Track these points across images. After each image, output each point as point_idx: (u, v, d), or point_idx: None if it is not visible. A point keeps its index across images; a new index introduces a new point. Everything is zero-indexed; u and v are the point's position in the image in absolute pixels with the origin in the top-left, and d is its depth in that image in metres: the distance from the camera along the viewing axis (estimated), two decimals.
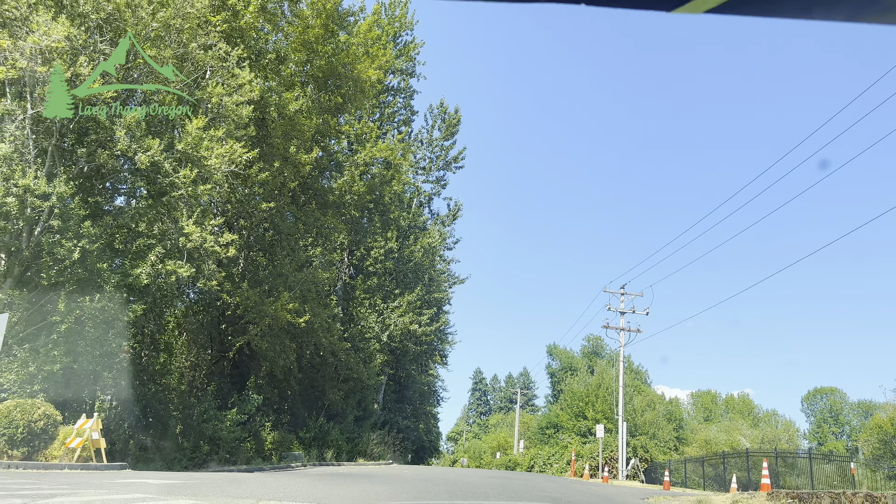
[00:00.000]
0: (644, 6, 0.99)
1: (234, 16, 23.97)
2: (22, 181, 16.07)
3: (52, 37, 15.80)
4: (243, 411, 25.07)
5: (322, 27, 29.36)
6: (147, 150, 17.34)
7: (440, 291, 42.54)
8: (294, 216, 30.65)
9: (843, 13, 0.96)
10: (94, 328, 18.16)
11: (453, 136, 44.61)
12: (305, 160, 25.01)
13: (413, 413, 51.76)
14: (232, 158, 19.03)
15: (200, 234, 18.21)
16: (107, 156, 17.43)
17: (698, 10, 0.98)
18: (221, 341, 27.70)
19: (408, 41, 50.55)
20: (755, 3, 0.98)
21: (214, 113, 19.64)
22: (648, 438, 37.32)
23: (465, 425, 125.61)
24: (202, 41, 19.55)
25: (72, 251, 16.75)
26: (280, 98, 23.81)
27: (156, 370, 24.24)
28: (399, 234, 40.07)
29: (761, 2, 0.97)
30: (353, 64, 32.28)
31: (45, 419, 13.40)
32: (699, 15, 0.99)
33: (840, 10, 0.96)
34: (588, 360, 68.81)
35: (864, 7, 0.95)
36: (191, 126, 18.49)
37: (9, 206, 16.07)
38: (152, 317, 22.00)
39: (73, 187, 17.28)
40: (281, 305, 24.55)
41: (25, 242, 17.53)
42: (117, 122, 17.39)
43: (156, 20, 18.21)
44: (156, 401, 23.38)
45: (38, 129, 17.36)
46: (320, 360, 30.31)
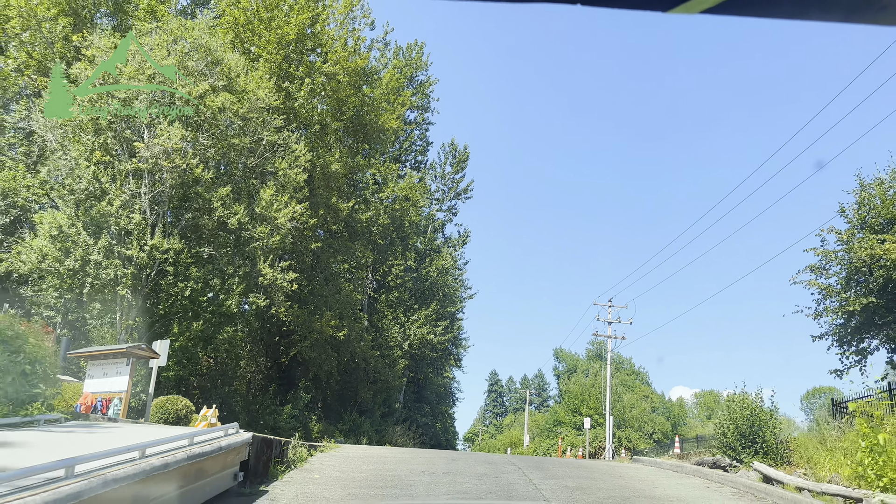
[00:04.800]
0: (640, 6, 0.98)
1: (288, 96, 30.62)
2: (151, 241, 22.67)
3: (172, 140, 22.39)
4: (296, 406, 31.54)
5: (350, 85, 35.70)
6: (235, 214, 23.90)
7: (453, 305, 48.89)
8: (330, 246, 37.18)
9: (838, 14, 0.95)
10: (194, 345, 24.75)
11: (462, 170, 51.11)
12: (344, 207, 31.50)
13: (431, 412, 58.04)
14: (294, 216, 25.56)
15: (272, 273, 24.76)
16: (206, 220, 24.02)
17: (694, 10, 0.97)
18: (276, 351, 34.26)
19: (423, 80, 57.18)
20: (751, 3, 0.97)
21: (280, 181, 26.18)
22: (634, 431, 43.32)
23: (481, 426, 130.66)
24: (270, 128, 26.07)
25: (183, 290, 23.32)
26: (324, 160, 30.34)
27: (228, 375, 30.81)
28: (416, 256, 46.52)
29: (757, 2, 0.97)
30: (377, 115, 38.80)
31: (185, 408, 19.81)
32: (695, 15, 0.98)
33: (836, 11, 0.95)
34: (592, 361, 74.73)
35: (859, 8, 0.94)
36: (265, 193, 25.05)
37: (142, 260, 22.68)
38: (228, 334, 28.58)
39: (182, 242, 23.86)
40: (325, 322, 31.08)
41: (146, 283, 24.14)
42: (214, 194, 23.96)
43: (238, 117, 24.78)
44: (229, 397, 29.94)
45: (155, 201, 23.97)
46: (354, 365, 36.78)
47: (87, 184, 22.74)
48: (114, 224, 22.68)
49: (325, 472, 11.23)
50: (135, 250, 22.63)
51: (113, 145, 23.76)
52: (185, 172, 22.81)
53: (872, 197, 16.28)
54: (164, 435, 9.14)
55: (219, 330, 24.60)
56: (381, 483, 10.50)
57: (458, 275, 51.93)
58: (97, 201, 22.84)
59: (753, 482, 11.53)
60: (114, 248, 22.53)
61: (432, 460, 14.77)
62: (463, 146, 51.63)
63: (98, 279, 22.39)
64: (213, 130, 23.82)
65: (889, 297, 15.49)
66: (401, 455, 17.36)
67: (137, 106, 23.19)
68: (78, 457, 6.21)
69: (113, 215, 22.52)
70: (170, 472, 7.25)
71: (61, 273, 22.52)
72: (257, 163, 25.86)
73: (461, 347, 57.70)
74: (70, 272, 22.55)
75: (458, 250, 51.36)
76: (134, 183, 23.34)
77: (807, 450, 11.18)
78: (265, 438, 10.19)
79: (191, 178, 23.60)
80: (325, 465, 12.06)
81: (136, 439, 7.77)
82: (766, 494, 10.56)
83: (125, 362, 16.95)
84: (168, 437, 8.55)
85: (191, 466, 7.73)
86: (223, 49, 24.91)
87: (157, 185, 23.47)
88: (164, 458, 7.36)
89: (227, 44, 25.80)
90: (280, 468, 10.92)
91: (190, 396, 25.33)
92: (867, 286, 15.80)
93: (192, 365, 26.35)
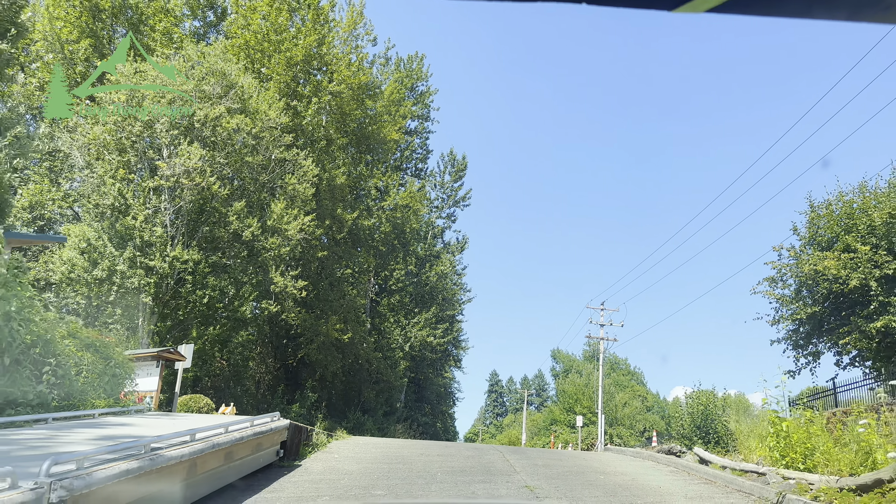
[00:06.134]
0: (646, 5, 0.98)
1: (296, 114, 32.62)
2: (172, 253, 24.67)
3: (193, 160, 24.39)
4: (303, 406, 33.52)
5: (353, 99, 37.64)
6: (249, 227, 25.90)
7: (452, 308, 50.93)
8: (335, 253, 39.17)
9: (843, 13, 0.95)
10: (210, 348, 26.75)
11: (461, 178, 53.22)
12: (348, 218, 33.50)
13: (431, 411, 59.99)
14: (303, 228, 27.55)
15: (284, 281, 26.75)
16: (222, 232, 26.03)
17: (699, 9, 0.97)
18: (284, 353, 36.26)
19: (423, 91, 59.21)
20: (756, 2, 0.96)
21: (289, 195, 28.17)
22: (626, 428, 45.30)
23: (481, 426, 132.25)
24: (280, 146, 28.07)
25: (201, 297, 25.31)
26: (329, 174, 32.33)
27: (240, 375, 32.80)
28: (417, 261, 48.54)
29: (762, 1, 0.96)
30: (379, 127, 40.78)
31: (206, 406, 21.79)
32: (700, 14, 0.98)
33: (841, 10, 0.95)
34: (588, 362, 76.72)
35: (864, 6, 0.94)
36: (276, 207, 27.05)
37: (164, 269, 24.67)
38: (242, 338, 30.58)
39: (200, 253, 25.84)
40: (330, 326, 33.07)
41: (166, 291, 26.12)
42: (229, 208, 25.96)
43: (251, 137, 26.78)
44: (240, 397, 31.92)
45: (175, 215, 25.96)
46: (358, 366, 38.76)
47: (113, 200, 24.72)
48: (137, 236, 24.67)
49: (342, 454, 13.53)
50: (157, 261, 24.61)
51: (136, 163, 25.79)
52: (204, 189, 24.78)
53: (820, 217, 18.33)
54: (228, 420, 11.81)
55: (234, 334, 26.58)
56: (387, 460, 12.77)
57: (456, 279, 53.96)
58: (122, 216, 24.83)
59: (690, 463, 13.62)
60: (137, 258, 24.52)
61: (429, 447, 16.97)
62: (461, 156, 53.84)
63: (123, 287, 24.38)
64: (228, 149, 25.79)
65: (832, 307, 17.49)
66: (403, 443, 19.52)
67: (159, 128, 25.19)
68: (196, 428, 8.96)
69: (137, 228, 24.51)
70: (245, 443, 9.78)
71: (89, 282, 24.51)
72: (269, 178, 27.85)
73: (461, 349, 59.69)
74: (97, 281, 24.55)
75: (456, 256, 53.44)
76: (156, 198, 25.33)
77: (747, 438, 13.18)
78: (297, 425, 12.61)
79: (208, 194, 25.59)
80: (341, 449, 14.34)
81: (204, 423, 10.24)
82: (696, 471, 12.65)
83: (155, 364, 18.93)
84: (237, 419, 11.26)
85: (253, 441, 10.18)
86: (237, 74, 26.89)
87: (178, 200, 25.45)
88: (241, 432, 9.86)
89: (240, 69, 27.78)
90: (308, 449, 13.19)
91: (205, 395, 27.35)
92: (814, 297, 17.83)
93: (207, 366, 28.37)
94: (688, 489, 10.67)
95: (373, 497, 8.75)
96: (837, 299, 17.04)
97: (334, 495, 9.01)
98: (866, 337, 16.29)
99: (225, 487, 9.18)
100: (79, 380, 12.13)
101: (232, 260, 26.52)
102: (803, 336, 18.73)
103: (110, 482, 5.98)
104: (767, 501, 8.81)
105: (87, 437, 8.77)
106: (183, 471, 7.68)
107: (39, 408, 10.53)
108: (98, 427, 10.22)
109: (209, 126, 25.42)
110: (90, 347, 13.51)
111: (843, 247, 16.93)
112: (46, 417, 10.20)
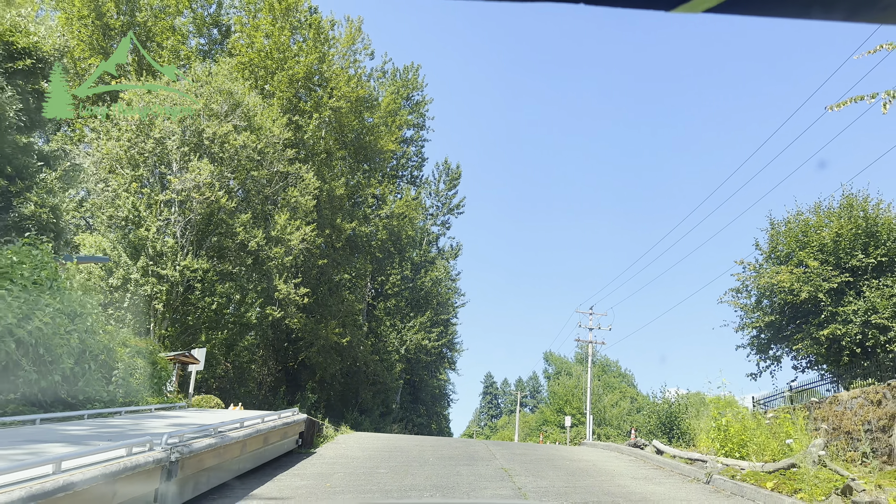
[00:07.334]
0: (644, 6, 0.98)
1: (298, 129, 34.32)
2: (183, 262, 26.33)
3: (203, 175, 26.06)
4: (303, 406, 35.15)
5: (351, 111, 39.30)
6: (254, 238, 27.58)
7: (446, 313, 52.75)
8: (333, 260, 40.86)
9: (841, 12, 0.96)
10: (218, 352, 28.40)
11: (455, 187, 55.05)
12: (347, 227, 35.20)
13: (426, 412, 61.74)
14: (304, 238, 29.25)
15: (287, 288, 28.42)
16: (230, 242, 27.71)
17: (697, 9, 0.97)
18: (285, 356, 37.92)
19: (419, 100, 60.98)
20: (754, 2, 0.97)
21: (292, 206, 29.86)
22: (613, 428, 47.06)
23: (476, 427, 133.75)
24: (283, 160, 29.76)
25: (210, 304, 26.96)
26: (329, 185, 34.02)
27: (243, 377, 34.46)
28: (412, 267, 50.30)
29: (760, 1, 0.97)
30: (376, 137, 42.49)
31: (217, 406, 23.43)
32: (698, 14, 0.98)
33: (839, 10, 0.95)
34: (579, 364, 78.49)
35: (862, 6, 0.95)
36: (279, 218, 28.73)
37: (176, 278, 26.33)
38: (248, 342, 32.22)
39: (208, 262, 27.50)
40: (329, 330, 34.76)
41: (177, 298, 27.77)
42: (236, 219, 27.63)
43: (256, 152, 28.46)
44: (244, 397, 33.55)
45: (185, 227, 27.61)
46: (356, 368, 40.44)
47: (128, 212, 26.36)
48: (150, 246, 26.31)
49: (349, 444, 15.63)
50: (169, 270, 26.26)
51: (148, 177, 27.45)
52: (213, 202, 26.45)
53: (779, 234, 20.15)
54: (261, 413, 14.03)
55: (239, 338, 28.24)
56: (387, 449, 14.92)
57: (451, 284, 55.79)
58: (136, 227, 26.48)
59: (647, 453, 15.44)
60: (149, 267, 26.16)
61: (424, 440, 19.25)
62: (455, 165, 55.72)
63: (137, 295, 26.02)
64: (235, 164, 27.48)
65: (788, 316, 19.33)
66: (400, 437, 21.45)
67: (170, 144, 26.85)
68: (244, 417, 11.56)
69: (149, 239, 26.16)
70: (276, 431, 11.88)
71: (105, 289, 26.15)
72: (272, 191, 29.53)
73: (455, 351, 61.53)
74: (112, 289, 26.18)
75: (450, 261, 55.27)
76: (167, 210, 26.98)
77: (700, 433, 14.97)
78: (311, 419, 14.81)
79: (216, 207, 27.25)
80: (347, 440, 16.47)
81: (242, 416, 12.50)
82: (651, 459, 14.55)
83: (171, 366, 20.58)
84: (266, 413, 13.44)
85: (282, 429, 12.31)
86: (243, 93, 28.59)
87: (187, 212, 27.11)
88: (273, 422, 11.95)
89: (246, 88, 29.47)
90: (320, 440, 15.24)
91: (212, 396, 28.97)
92: (772, 307, 19.67)
93: (213, 369, 30.04)
94: (637, 472, 12.61)
95: (377, 475, 10.67)
96: (792, 309, 18.87)
97: (347, 473, 11.14)
98: (817, 343, 18.12)
99: (261, 466, 11.20)
100: (133, 381, 14.12)
101: (238, 268, 28.16)
102: (764, 342, 20.58)
103: (202, 451, 8.34)
104: (699, 480, 10.62)
105: (163, 423, 10.81)
106: (238, 449, 9.79)
107: (111, 403, 12.81)
108: (162, 418, 12.32)
109: (217, 143, 27.09)
110: (140, 354, 15.68)
111: (796, 262, 18.79)
112: (120, 411, 12.49)
